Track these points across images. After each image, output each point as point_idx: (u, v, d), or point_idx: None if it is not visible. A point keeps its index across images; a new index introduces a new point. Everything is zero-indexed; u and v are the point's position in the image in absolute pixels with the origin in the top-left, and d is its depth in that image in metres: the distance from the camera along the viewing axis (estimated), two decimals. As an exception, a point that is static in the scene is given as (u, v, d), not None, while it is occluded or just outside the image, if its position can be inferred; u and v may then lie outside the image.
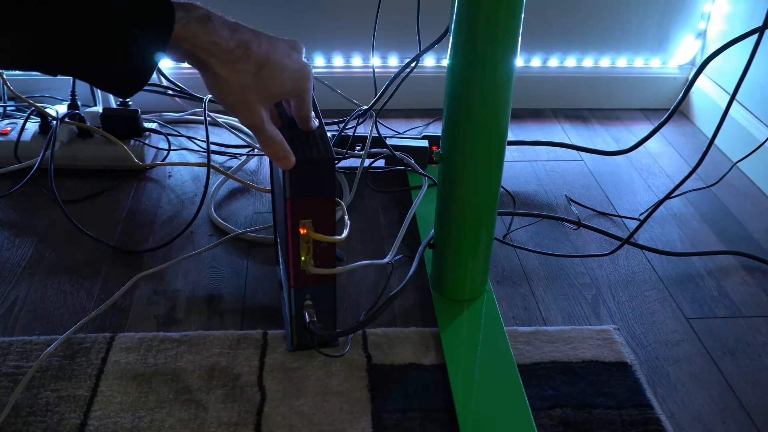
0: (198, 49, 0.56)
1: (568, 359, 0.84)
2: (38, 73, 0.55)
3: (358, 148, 1.21)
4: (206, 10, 0.57)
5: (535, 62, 1.49)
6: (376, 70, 1.31)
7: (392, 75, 1.14)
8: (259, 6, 1.35)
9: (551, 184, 1.23)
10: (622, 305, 0.94)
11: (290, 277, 0.74)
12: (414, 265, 0.88)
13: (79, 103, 1.19)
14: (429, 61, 1.46)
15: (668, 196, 0.96)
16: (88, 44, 0.52)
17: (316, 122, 0.71)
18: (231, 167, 1.22)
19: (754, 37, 0.82)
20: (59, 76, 0.55)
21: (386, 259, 0.89)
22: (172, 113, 1.38)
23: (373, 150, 1.19)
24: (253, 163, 1.26)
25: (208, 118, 1.18)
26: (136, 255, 1.00)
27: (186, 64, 0.60)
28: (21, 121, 1.19)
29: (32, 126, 1.19)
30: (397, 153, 1.16)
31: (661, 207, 1.12)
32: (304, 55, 0.64)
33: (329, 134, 0.71)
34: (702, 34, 1.48)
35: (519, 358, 0.83)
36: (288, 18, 1.38)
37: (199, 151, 1.28)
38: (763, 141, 1.18)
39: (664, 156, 1.34)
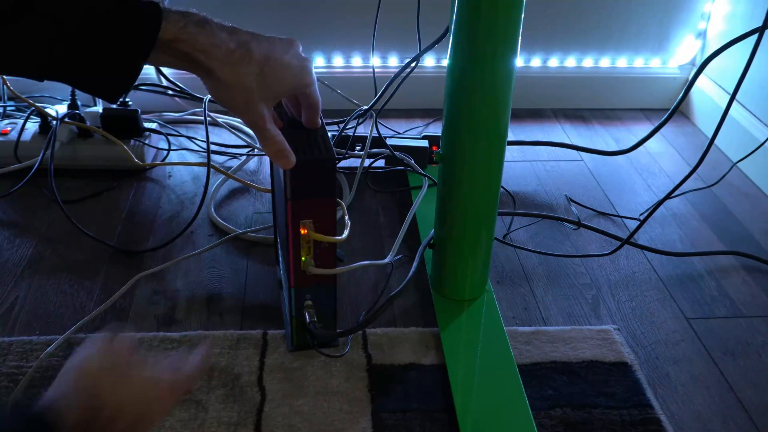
0: (198, 52, 0.56)
1: (568, 359, 0.84)
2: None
3: (358, 148, 1.21)
4: (204, 15, 0.57)
5: (535, 62, 1.49)
6: (376, 70, 1.31)
7: (392, 75, 1.14)
8: (259, 6, 1.35)
9: (551, 184, 1.23)
10: (622, 305, 0.94)
11: (290, 277, 0.74)
12: (414, 265, 0.88)
13: (79, 103, 1.19)
14: (429, 61, 1.46)
15: (668, 196, 0.96)
16: (71, 49, 0.52)
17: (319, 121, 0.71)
18: (231, 167, 1.22)
19: (754, 37, 0.82)
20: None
21: (386, 259, 0.89)
22: (172, 113, 1.38)
23: (373, 150, 1.19)
24: (253, 163, 1.26)
25: (208, 118, 1.18)
26: (136, 255, 1.00)
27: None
28: (21, 121, 1.19)
29: (32, 126, 1.19)
30: (397, 153, 1.17)
31: (661, 207, 1.11)
32: (301, 49, 0.64)
33: (329, 134, 0.71)
34: (702, 34, 1.48)
35: (519, 358, 0.83)
36: (288, 18, 1.38)
37: (199, 151, 1.28)
38: (763, 141, 1.18)
39: (664, 156, 1.34)
